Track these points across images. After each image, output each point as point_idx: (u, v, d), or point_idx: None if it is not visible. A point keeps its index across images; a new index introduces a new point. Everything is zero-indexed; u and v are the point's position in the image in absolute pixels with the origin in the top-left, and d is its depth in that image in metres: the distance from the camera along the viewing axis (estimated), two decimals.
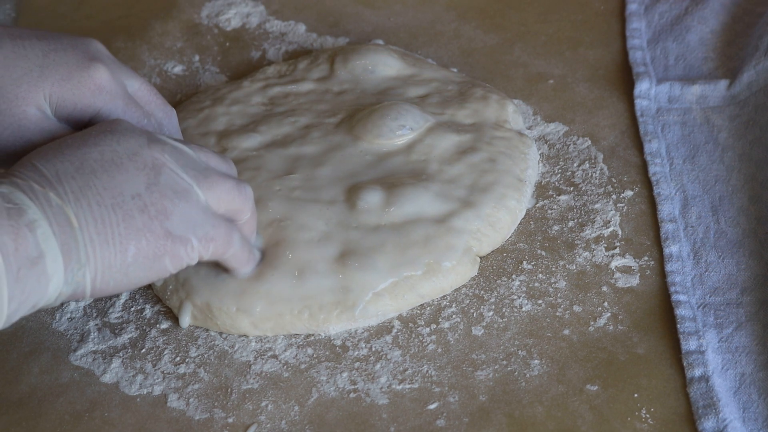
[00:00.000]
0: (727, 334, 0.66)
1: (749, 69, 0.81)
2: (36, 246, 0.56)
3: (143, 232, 0.60)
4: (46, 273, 0.57)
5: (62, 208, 0.58)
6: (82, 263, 0.58)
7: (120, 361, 0.68)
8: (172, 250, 0.61)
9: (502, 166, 0.76)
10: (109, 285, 0.60)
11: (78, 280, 0.59)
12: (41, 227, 0.57)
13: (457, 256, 0.70)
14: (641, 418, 0.62)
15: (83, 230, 0.58)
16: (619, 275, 0.71)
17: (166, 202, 0.61)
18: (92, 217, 0.59)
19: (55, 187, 0.58)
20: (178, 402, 0.65)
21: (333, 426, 0.64)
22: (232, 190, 0.65)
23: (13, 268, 0.55)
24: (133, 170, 0.61)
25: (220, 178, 0.65)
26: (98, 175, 0.60)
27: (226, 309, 0.69)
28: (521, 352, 0.67)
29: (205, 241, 0.63)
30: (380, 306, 0.69)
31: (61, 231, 0.57)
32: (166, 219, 0.61)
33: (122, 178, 0.60)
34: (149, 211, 0.60)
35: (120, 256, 0.59)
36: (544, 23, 0.93)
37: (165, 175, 0.62)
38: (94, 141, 0.61)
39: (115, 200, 0.59)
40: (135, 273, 0.61)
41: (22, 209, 0.56)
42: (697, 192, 0.76)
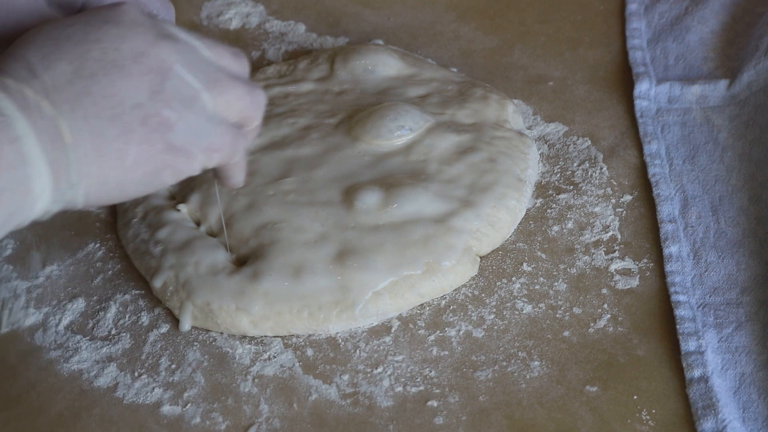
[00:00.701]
0: (727, 334, 0.66)
1: (749, 69, 0.81)
2: (21, 164, 0.52)
3: (143, 146, 0.56)
4: (31, 193, 0.53)
5: (55, 120, 0.54)
6: (73, 182, 0.54)
7: (117, 364, 0.68)
8: (172, 164, 0.58)
9: (502, 166, 0.76)
10: (102, 200, 0.57)
11: (68, 198, 0.55)
12: (28, 143, 0.52)
13: (456, 255, 0.70)
14: (641, 419, 0.62)
15: (77, 145, 0.54)
16: (618, 277, 0.71)
17: (170, 112, 0.57)
18: (88, 130, 0.54)
19: (50, 93, 0.54)
20: (177, 404, 0.65)
21: (333, 427, 0.64)
22: (244, 97, 0.61)
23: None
24: (136, 75, 0.56)
25: (232, 83, 0.60)
26: (98, 79, 0.55)
27: (226, 308, 0.69)
28: (521, 353, 0.67)
29: (209, 152, 0.59)
30: (380, 305, 0.69)
31: (52, 147, 0.53)
32: (169, 131, 0.57)
33: (124, 84, 0.55)
34: (150, 123, 0.56)
35: (116, 173, 0.55)
36: (543, 24, 0.93)
37: (171, 81, 0.57)
38: (96, 36, 0.56)
39: (114, 111, 0.55)
40: (131, 187, 0.57)
41: (8, 122, 0.52)
42: (697, 192, 0.76)
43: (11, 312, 0.71)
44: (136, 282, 0.74)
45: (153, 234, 0.73)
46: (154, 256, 0.72)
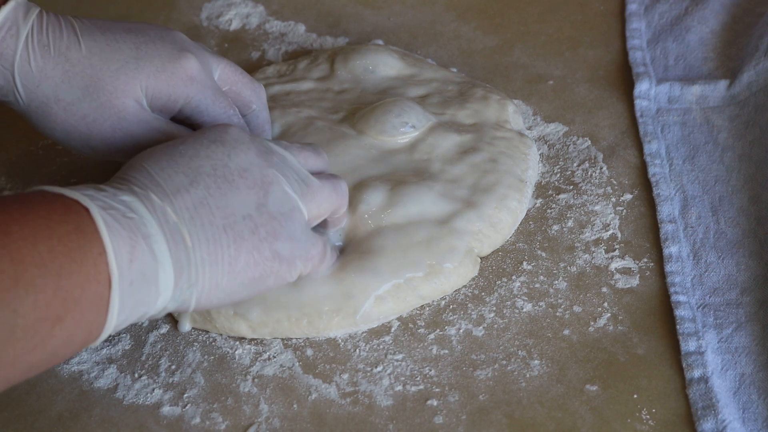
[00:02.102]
0: (727, 335, 0.66)
1: (749, 69, 0.81)
2: (151, 261, 0.56)
3: (252, 254, 0.60)
4: (157, 288, 0.57)
5: (178, 225, 0.58)
6: (192, 282, 0.58)
7: (117, 366, 0.68)
8: (277, 271, 0.62)
9: (504, 167, 0.76)
10: (212, 302, 0.60)
11: (185, 297, 0.59)
12: (158, 242, 0.56)
13: (458, 257, 0.70)
14: (641, 419, 0.62)
15: (196, 250, 0.58)
16: (618, 276, 0.71)
17: (275, 223, 0.61)
18: (205, 237, 0.58)
19: (172, 201, 0.58)
20: (177, 404, 0.65)
21: (333, 426, 0.64)
22: (331, 196, 0.66)
23: (125, 280, 0.54)
24: (244, 189, 0.61)
25: (320, 187, 0.65)
26: (211, 192, 0.59)
27: (225, 313, 0.68)
28: (521, 352, 0.67)
29: (306, 260, 0.64)
30: (382, 309, 0.69)
31: (176, 249, 0.57)
32: (275, 240, 0.61)
33: (234, 197, 0.60)
34: (259, 233, 0.60)
35: (228, 278, 0.59)
36: (543, 23, 0.93)
37: (273, 195, 0.62)
38: (206, 153, 0.61)
39: (227, 220, 0.59)
40: (238, 292, 0.61)
41: (141, 221, 0.56)
42: (697, 192, 0.75)
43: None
44: None
45: None
46: None
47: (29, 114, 0.69)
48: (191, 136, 0.63)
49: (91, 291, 0.53)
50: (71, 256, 0.53)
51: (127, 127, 0.69)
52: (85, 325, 0.54)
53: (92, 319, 0.54)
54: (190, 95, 0.70)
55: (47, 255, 0.52)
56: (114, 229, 0.55)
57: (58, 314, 0.52)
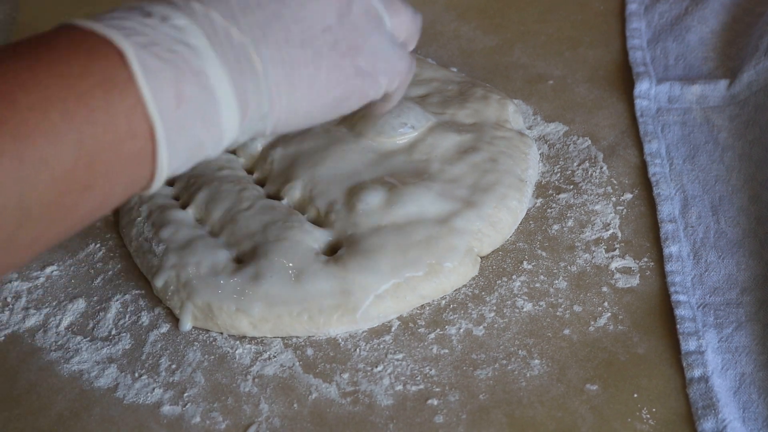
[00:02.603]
0: (727, 334, 0.66)
1: (749, 69, 0.81)
2: (207, 97, 0.49)
3: (333, 72, 0.54)
4: (219, 127, 0.51)
5: (245, 48, 0.50)
6: (263, 113, 0.52)
7: (118, 365, 0.68)
8: (360, 88, 0.56)
9: (504, 166, 0.76)
10: (289, 127, 0.55)
11: (257, 129, 0.53)
12: (214, 75, 0.49)
13: (458, 256, 0.70)
14: (641, 418, 0.62)
15: (268, 74, 0.51)
16: (619, 276, 0.71)
17: (357, 35, 0.55)
18: (279, 57, 0.52)
19: (238, 18, 0.51)
20: (177, 404, 0.65)
21: (333, 425, 0.64)
22: (413, 17, 0.61)
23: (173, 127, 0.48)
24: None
25: (403, 4, 0.60)
26: (287, 3, 0.53)
27: (226, 309, 0.69)
28: (521, 351, 0.67)
29: (392, 75, 0.59)
30: (382, 308, 0.69)
31: (241, 77, 0.50)
32: (357, 55, 0.55)
33: (313, 7, 0.53)
34: (340, 47, 0.54)
35: (307, 101, 0.54)
36: (543, 23, 0.93)
37: (357, 2, 0.56)
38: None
39: (305, 35, 0.53)
40: (319, 114, 0.55)
41: (196, 53, 0.49)
42: (697, 192, 0.76)
43: None
44: (136, 282, 0.74)
45: (156, 233, 0.73)
46: (156, 255, 0.72)
47: None
48: None
49: (127, 149, 0.47)
50: (94, 117, 0.46)
51: None
52: (125, 183, 0.49)
53: (134, 174, 0.49)
54: None
55: (61, 122, 0.45)
56: (154, 72, 0.47)
57: (84, 183, 0.46)
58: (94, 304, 0.72)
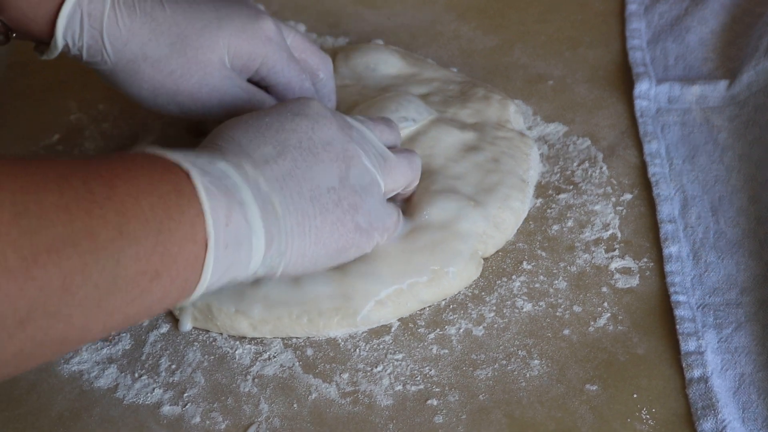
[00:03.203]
0: (727, 335, 0.66)
1: (749, 69, 0.81)
2: (245, 226, 0.57)
3: (336, 225, 0.62)
4: (249, 253, 0.58)
5: (269, 195, 0.59)
6: (281, 251, 0.60)
7: (118, 365, 0.68)
8: (357, 243, 0.64)
9: (506, 167, 0.75)
10: (297, 270, 0.62)
11: (274, 264, 0.60)
12: (251, 210, 0.58)
13: (463, 260, 0.70)
14: (641, 418, 0.62)
15: (286, 219, 0.60)
16: (618, 276, 0.71)
17: (356, 196, 0.63)
18: (294, 207, 0.60)
19: (263, 170, 0.60)
20: (177, 404, 0.65)
21: (333, 425, 0.64)
22: (406, 171, 0.68)
23: (221, 242, 0.56)
24: (327, 161, 0.62)
25: (397, 162, 0.67)
26: (298, 164, 0.61)
27: (226, 310, 0.69)
28: (521, 352, 0.67)
29: (383, 231, 0.66)
30: (382, 314, 0.68)
31: (267, 217, 0.58)
32: (356, 213, 0.63)
33: (319, 170, 0.62)
34: (342, 205, 0.62)
35: (313, 248, 0.61)
36: (544, 23, 0.93)
37: (355, 168, 0.64)
38: (291, 126, 0.63)
39: (313, 192, 0.61)
40: (322, 262, 0.63)
41: (236, 188, 0.57)
42: (697, 192, 0.76)
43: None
44: None
45: None
46: None
47: (116, 73, 0.70)
48: (274, 108, 0.65)
49: (187, 250, 0.54)
50: (170, 213, 0.53)
51: (212, 83, 0.71)
52: (180, 283, 0.55)
53: (187, 277, 0.55)
54: (267, 55, 0.72)
55: (149, 211, 0.53)
56: (212, 193, 0.56)
57: (156, 269, 0.53)
58: None
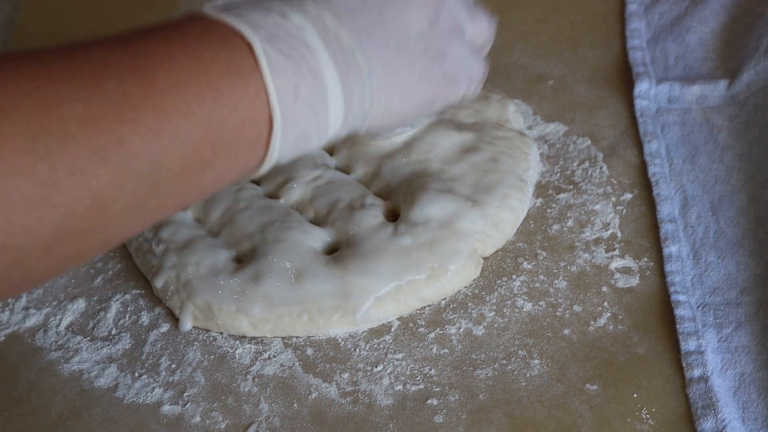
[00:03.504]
0: (727, 334, 0.66)
1: (749, 69, 0.81)
2: (320, 92, 0.53)
3: (425, 76, 0.58)
4: (326, 120, 0.54)
5: (352, 50, 0.54)
6: (365, 111, 0.56)
7: (118, 365, 0.68)
8: (444, 92, 0.61)
9: (505, 166, 0.75)
10: (382, 126, 0.59)
11: (357, 124, 0.57)
12: (327, 72, 0.53)
13: (462, 259, 0.70)
14: (641, 418, 0.62)
15: (371, 75, 0.55)
16: (618, 276, 0.71)
17: (444, 43, 0.59)
18: (381, 61, 0.55)
19: (345, 21, 0.54)
20: (177, 403, 0.66)
21: (333, 425, 0.64)
22: (490, 24, 0.65)
23: (289, 118, 0.52)
24: (417, 4, 0.58)
25: (481, 12, 0.64)
26: (386, 9, 0.56)
27: (227, 309, 0.69)
28: (521, 351, 0.67)
29: (470, 80, 0.63)
30: (382, 310, 0.69)
31: (348, 75, 0.54)
32: (444, 61, 0.59)
33: (408, 14, 0.57)
34: (430, 54, 0.58)
35: (400, 103, 0.58)
36: (544, 23, 0.93)
37: (445, 11, 0.59)
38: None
39: (401, 40, 0.56)
40: (408, 114, 0.59)
41: (311, 51, 0.53)
42: (697, 192, 0.76)
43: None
44: (136, 281, 0.74)
45: (156, 233, 0.73)
46: (156, 255, 0.72)
47: None
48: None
49: (246, 133, 0.51)
50: (222, 101, 0.50)
51: None
52: (240, 164, 0.53)
53: (248, 156, 0.52)
54: None
55: (194, 102, 0.49)
56: (277, 66, 0.51)
57: (206, 159, 0.50)
58: (94, 304, 0.72)
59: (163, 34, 0.51)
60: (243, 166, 0.53)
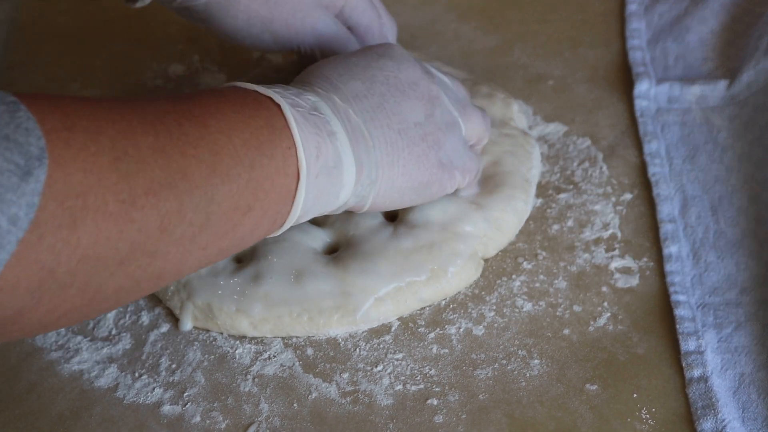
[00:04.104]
0: (727, 334, 0.66)
1: (749, 69, 0.81)
2: (336, 155, 0.60)
3: (422, 159, 0.64)
4: (341, 182, 0.60)
5: (360, 126, 0.61)
6: (372, 180, 0.62)
7: (118, 365, 0.68)
8: (440, 179, 0.66)
9: (509, 167, 0.75)
10: (384, 203, 0.65)
11: (364, 194, 0.63)
12: (341, 140, 0.60)
13: (462, 261, 0.70)
14: (641, 418, 0.62)
15: (376, 149, 0.62)
16: (618, 276, 0.71)
17: (440, 134, 0.65)
18: (383, 138, 0.62)
19: (351, 104, 0.62)
20: (177, 403, 0.65)
21: (333, 425, 0.64)
22: (482, 121, 0.70)
23: (312, 173, 0.58)
24: (414, 98, 0.65)
25: (474, 111, 0.70)
26: (386, 99, 0.64)
27: (227, 309, 0.69)
28: (521, 351, 0.67)
29: (464, 172, 0.68)
30: (382, 311, 0.69)
31: (357, 146, 0.61)
32: (440, 149, 0.65)
33: (406, 106, 0.64)
34: (428, 140, 0.64)
35: (401, 179, 0.64)
36: (544, 23, 0.93)
37: (439, 108, 0.66)
38: (377, 65, 0.65)
39: (401, 126, 0.63)
40: (407, 196, 0.65)
41: (326, 120, 0.60)
42: (697, 192, 0.76)
43: None
44: None
45: None
46: None
47: (211, 6, 0.72)
48: (360, 50, 0.68)
49: (279, 183, 0.57)
50: (262, 149, 0.56)
51: (305, 10, 0.73)
52: (271, 215, 0.58)
53: (278, 209, 0.58)
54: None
55: (241, 147, 0.55)
56: (302, 126, 0.58)
57: (248, 203, 0.56)
58: None
59: (209, 93, 0.58)
60: (273, 218, 0.58)
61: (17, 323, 0.49)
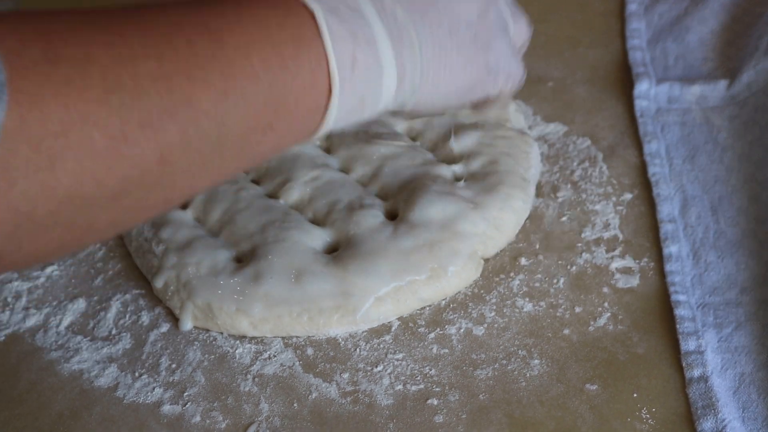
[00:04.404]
0: (727, 334, 0.66)
1: (749, 69, 0.81)
2: (375, 63, 0.55)
3: (470, 62, 0.61)
4: (380, 91, 0.56)
5: (407, 26, 0.57)
6: (415, 85, 0.58)
7: (118, 365, 0.68)
8: (483, 82, 0.63)
9: (507, 167, 0.75)
10: (427, 105, 0.61)
11: (405, 100, 0.59)
12: (382, 45, 0.56)
13: (462, 260, 0.70)
14: (641, 418, 0.62)
15: (422, 51, 0.58)
16: (619, 276, 0.71)
17: (490, 35, 0.62)
18: (432, 39, 0.58)
19: (402, 1, 0.57)
20: (177, 403, 0.65)
21: (333, 425, 0.64)
22: (528, 28, 0.69)
23: (346, 87, 0.54)
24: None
25: (522, 14, 0.68)
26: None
27: (227, 309, 0.69)
28: (521, 351, 0.67)
29: (507, 77, 0.65)
30: (382, 310, 0.69)
31: (401, 50, 0.56)
32: (488, 51, 0.62)
33: (460, 3, 0.60)
34: (477, 42, 0.61)
35: (446, 83, 0.60)
36: (544, 23, 0.93)
37: (494, 8, 0.62)
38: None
39: (452, 25, 0.59)
40: (451, 99, 0.62)
41: (368, 23, 0.55)
42: (697, 192, 0.76)
43: None
44: (136, 281, 0.74)
45: (156, 233, 0.73)
46: (156, 255, 0.72)
47: None
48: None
49: (306, 99, 0.53)
50: (285, 64, 0.52)
51: None
52: (298, 129, 0.54)
53: (307, 123, 0.54)
54: None
55: (260, 65, 0.51)
56: (338, 35, 0.53)
57: (268, 122, 0.52)
58: (95, 304, 0.72)
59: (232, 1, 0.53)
60: (300, 132, 0.55)
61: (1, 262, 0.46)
